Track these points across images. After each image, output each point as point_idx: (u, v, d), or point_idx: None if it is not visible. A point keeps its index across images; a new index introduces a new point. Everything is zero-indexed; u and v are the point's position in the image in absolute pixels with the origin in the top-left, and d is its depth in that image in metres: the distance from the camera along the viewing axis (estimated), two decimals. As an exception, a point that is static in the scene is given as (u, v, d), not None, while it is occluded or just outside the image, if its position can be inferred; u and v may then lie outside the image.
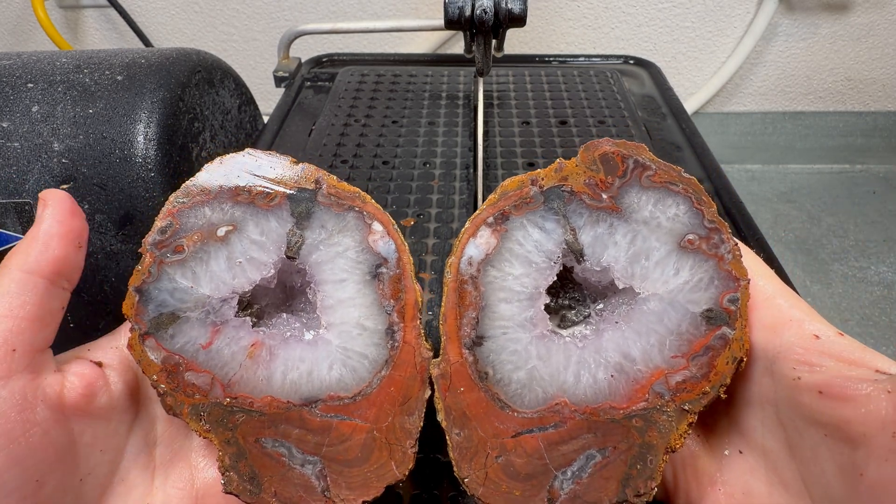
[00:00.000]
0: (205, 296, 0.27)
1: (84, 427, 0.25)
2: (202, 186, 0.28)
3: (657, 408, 0.25)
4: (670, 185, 0.27)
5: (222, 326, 0.27)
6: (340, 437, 0.26)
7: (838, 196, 1.48)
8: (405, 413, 0.26)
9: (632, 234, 0.27)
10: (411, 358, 0.27)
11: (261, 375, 0.27)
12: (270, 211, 0.28)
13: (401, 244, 0.28)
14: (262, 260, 0.27)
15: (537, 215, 0.27)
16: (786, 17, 1.38)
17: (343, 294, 0.28)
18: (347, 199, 0.28)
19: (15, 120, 0.43)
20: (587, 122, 0.63)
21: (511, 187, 0.28)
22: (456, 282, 0.27)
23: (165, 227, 0.27)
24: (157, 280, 0.26)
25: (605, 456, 0.25)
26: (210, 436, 0.26)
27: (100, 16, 1.39)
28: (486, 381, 0.26)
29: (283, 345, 0.27)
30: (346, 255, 0.28)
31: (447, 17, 0.53)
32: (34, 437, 0.22)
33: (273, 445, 0.26)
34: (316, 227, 0.28)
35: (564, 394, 0.26)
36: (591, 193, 0.27)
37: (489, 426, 0.25)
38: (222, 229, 0.27)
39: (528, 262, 0.27)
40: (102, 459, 0.25)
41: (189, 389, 0.26)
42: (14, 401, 0.22)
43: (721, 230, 0.26)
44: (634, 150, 0.27)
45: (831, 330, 0.24)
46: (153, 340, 0.26)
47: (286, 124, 0.65)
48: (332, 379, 0.27)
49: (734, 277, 0.25)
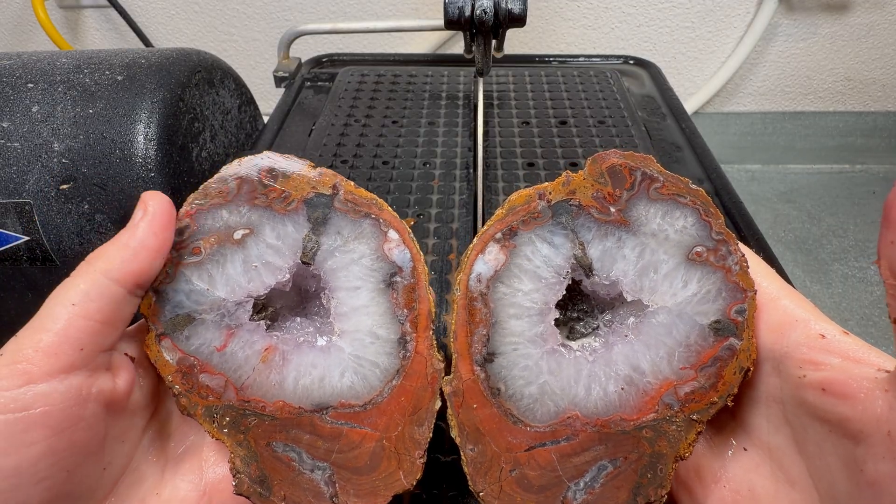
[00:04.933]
0: (220, 298, 0.27)
1: (115, 421, 0.25)
2: (219, 186, 0.28)
3: (667, 418, 0.25)
4: (678, 197, 0.27)
5: (237, 330, 0.27)
6: (350, 444, 0.26)
7: (838, 196, 1.48)
8: (415, 423, 0.26)
9: (640, 247, 0.27)
10: (423, 368, 0.27)
11: (273, 380, 0.27)
12: (287, 215, 0.28)
13: (416, 253, 0.28)
14: (277, 264, 0.27)
15: (545, 230, 0.27)
16: (786, 18, 1.38)
17: (357, 302, 0.28)
18: (364, 206, 0.28)
19: (15, 120, 0.44)
20: (587, 122, 0.63)
21: (518, 202, 0.28)
22: (465, 299, 0.27)
23: (183, 228, 0.27)
24: (174, 281, 0.26)
25: (616, 466, 0.25)
26: (223, 437, 0.26)
27: (100, 16, 1.39)
28: (499, 396, 0.26)
29: (296, 350, 0.27)
30: (361, 262, 0.28)
31: (447, 17, 0.53)
32: (77, 432, 0.23)
33: (284, 450, 0.26)
34: (332, 234, 0.28)
35: (576, 407, 0.26)
36: (600, 207, 0.27)
37: (502, 441, 0.26)
38: (239, 232, 0.27)
39: (537, 278, 0.27)
40: (122, 450, 0.26)
41: (203, 391, 0.26)
42: (69, 395, 0.23)
43: (728, 242, 0.26)
44: (642, 161, 0.27)
45: (836, 329, 0.24)
46: (169, 341, 0.26)
47: (286, 124, 0.65)
48: (344, 386, 0.27)
49: (741, 289, 0.26)
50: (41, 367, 0.22)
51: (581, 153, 0.58)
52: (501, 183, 0.55)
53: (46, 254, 0.45)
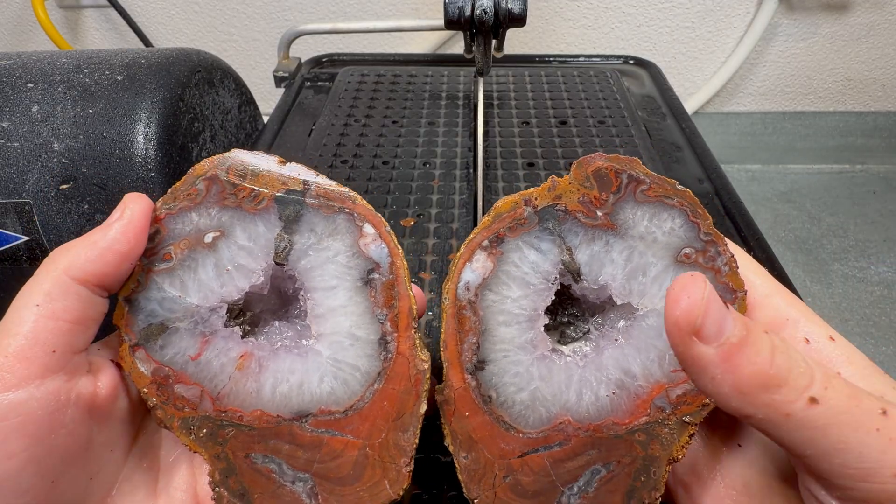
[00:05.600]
0: (193, 305, 0.26)
1: (101, 427, 0.24)
2: (187, 189, 0.27)
3: (659, 421, 0.25)
4: (665, 198, 0.26)
5: (211, 337, 0.26)
6: (332, 453, 0.25)
7: (838, 196, 1.48)
8: (399, 429, 0.25)
9: (628, 250, 0.26)
10: (405, 370, 0.26)
11: (250, 388, 0.26)
12: (258, 215, 0.26)
13: (394, 248, 0.27)
14: (250, 267, 0.26)
15: (532, 236, 0.27)
16: (786, 17, 1.38)
17: (334, 302, 0.27)
18: (337, 201, 0.27)
19: (15, 120, 0.44)
20: (587, 122, 0.63)
21: (504, 209, 0.27)
22: (454, 307, 0.26)
23: (153, 233, 0.26)
24: (145, 289, 0.26)
25: (609, 470, 0.25)
26: (200, 450, 0.25)
27: (100, 16, 1.39)
28: (490, 404, 0.26)
29: (272, 356, 0.26)
30: (337, 260, 0.27)
31: (447, 17, 0.53)
32: (58, 439, 0.22)
33: (263, 461, 0.25)
34: (305, 231, 0.27)
35: (568, 412, 0.26)
36: (586, 211, 0.27)
37: (495, 448, 0.26)
38: (209, 235, 0.26)
39: (525, 284, 0.27)
40: (111, 458, 0.25)
41: (179, 402, 0.25)
42: (46, 402, 0.22)
43: (717, 242, 0.26)
44: (628, 164, 0.27)
45: (824, 333, 0.24)
46: (143, 352, 0.25)
47: (286, 124, 0.65)
48: (323, 392, 0.26)
49: (731, 289, 0.25)
50: (14, 373, 0.21)
51: (581, 153, 0.58)
52: (501, 183, 0.55)
53: (46, 254, 0.45)
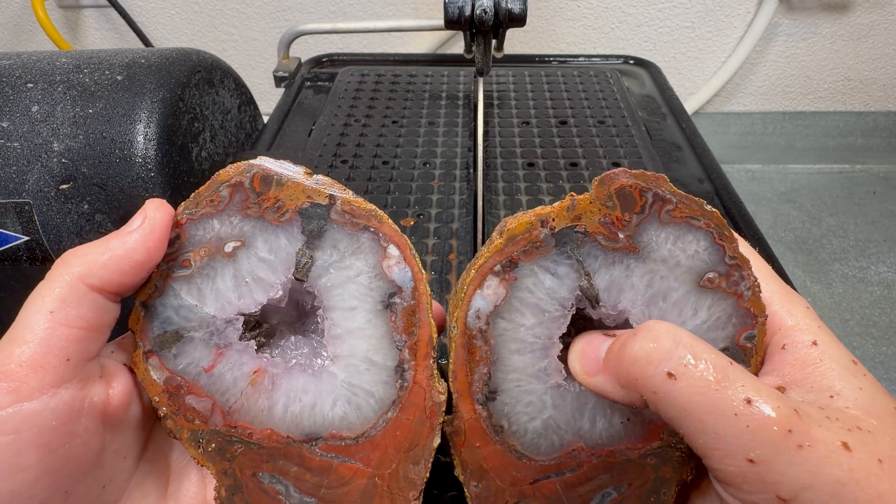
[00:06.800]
0: (209, 315, 0.25)
1: (114, 435, 0.24)
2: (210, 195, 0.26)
3: (672, 445, 0.25)
4: (692, 220, 0.25)
5: (225, 349, 0.25)
6: (340, 479, 0.25)
7: (838, 196, 1.48)
8: (410, 461, 0.25)
9: (649, 274, 0.25)
10: (421, 401, 0.25)
11: (262, 405, 0.25)
12: (280, 227, 0.26)
13: (417, 272, 0.26)
14: (269, 280, 0.26)
15: (549, 260, 0.25)
16: (786, 17, 1.38)
17: (352, 324, 0.26)
18: (363, 218, 0.26)
19: (15, 120, 0.44)
20: (587, 122, 0.63)
21: (519, 230, 0.25)
22: (464, 337, 0.25)
23: (173, 238, 0.25)
24: (162, 295, 0.25)
25: (620, 493, 0.25)
26: (208, 465, 0.25)
27: (100, 16, 1.39)
28: (502, 434, 0.25)
29: (286, 374, 0.26)
30: (358, 280, 0.26)
31: (447, 17, 0.53)
32: (72, 449, 0.22)
33: (270, 481, 0.25)
34: (327, 248, 0.26)
35: (581, 439, 0.25)
36: (607, 233, 0.25)
37: (507, 476, 0.25)
38: (230, 245, 0.26)
39: (540, 311, 0.25)
40: (124, 466, 0.25)
41: (189, 414, 0.25)
42: (60, 412, 0.21)
43: (742, 266, 0.25)
44: (654, 181, 0.25)
45: (808, 338, 0.24)
46: (157, 359, 0.25)
47: (286, 124, 0.65)
48: (336, 416, 0.25)
49: (752, 314, 0.25)
50: (28, 382, 0.21)
51: (581, 153, 0.58)
52: (501, 183, 0.55)
53: (46, 254, 0.45)
